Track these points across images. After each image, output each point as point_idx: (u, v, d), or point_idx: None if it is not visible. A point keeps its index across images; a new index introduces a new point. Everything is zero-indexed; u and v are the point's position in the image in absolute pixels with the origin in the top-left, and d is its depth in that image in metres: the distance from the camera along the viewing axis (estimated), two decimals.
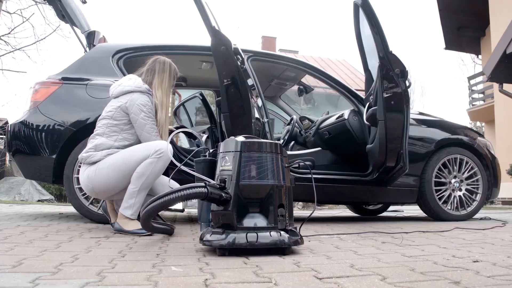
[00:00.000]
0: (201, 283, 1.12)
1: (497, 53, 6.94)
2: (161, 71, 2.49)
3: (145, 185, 2.23)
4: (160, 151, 2.22)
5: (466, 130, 3.68)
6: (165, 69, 2.51)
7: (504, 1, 10.38)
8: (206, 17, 2.66)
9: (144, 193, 2.24)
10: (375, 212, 4.60)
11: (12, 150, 3.02)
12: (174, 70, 2.56)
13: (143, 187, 2.22)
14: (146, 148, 2.26)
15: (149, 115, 2.36)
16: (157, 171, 2.24)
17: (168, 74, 2.51)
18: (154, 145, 2.25)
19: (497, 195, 3.69)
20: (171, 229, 2.21)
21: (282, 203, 1.67)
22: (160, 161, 2.22)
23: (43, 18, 16.44)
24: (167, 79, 2.50)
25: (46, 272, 1.23)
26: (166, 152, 2.21)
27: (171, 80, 2.52)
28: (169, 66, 2.53)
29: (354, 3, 3.15)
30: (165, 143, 2.23)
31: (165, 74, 2.50)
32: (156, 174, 2.25)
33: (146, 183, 2.22)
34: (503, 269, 1.31)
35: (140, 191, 2.22)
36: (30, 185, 10.91)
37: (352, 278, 1.18)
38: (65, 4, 3.28)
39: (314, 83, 5.40)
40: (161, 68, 2.50)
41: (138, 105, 2.33)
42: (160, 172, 2.26)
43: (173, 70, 2.55)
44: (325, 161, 3.52)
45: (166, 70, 2.51)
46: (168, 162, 2.26)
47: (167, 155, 2.21)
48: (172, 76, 2.54)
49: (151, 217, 1.69)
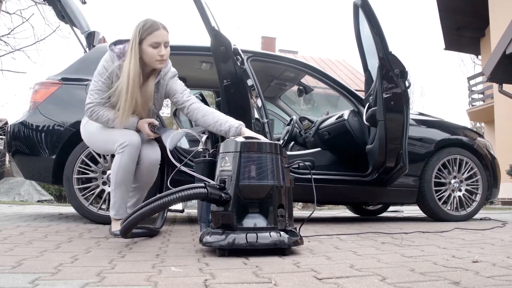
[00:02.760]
0: (201, 284, 1.11)
1: (496, 54, 6.95)
2: (133, 32, 2.11)
3: (118, 183, 2.11)
4: (123, 144, 2.06)
5: (466, 131, 3.68)
6: (135, 29, 2.10)
7: (504, 1, 10.39)
8: (206, 17, 2.66)
9: (119, 190, 2.13)
10: (375, 212, 4.60)
11: (11, 151, 3.02)
12: (143, 27, 2.08)
13: (116, 185, 2.12)
14: (111, 140, 2.11)
15: (98, 73, 2.14)
16: (124, 165, 2.07)
17: (134, 33, 2.09)
18: (118, 138, 2.08)
19: (496, 195, 3.69)
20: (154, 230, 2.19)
21: (282, 204, 1.67)
22: (124, 154, 2.06)
23: (43, 19, 16.44)
24: (133, 40, 2.09)
25: (45, 272, 1.23)
26: (130, 146, 2.04)
27: (136, 39, 2.07)
28: (137, 25, 2.09)
29: (354, 3, 3.15)
30: (133, 133, 2.07)
31: (133, 34, 2.10)
32: (125, 169, 2.08)
33: (118, 181, 2.11)
34: (502, 270, 1.31)
35: (116, 189, 2.13)
36: (30, 185, 10.91)
37: (352, 279, 1.18)
38: (65, 4, 3.28)
39: (313, 84, 5.41)
40: (134, 29, 2.12)
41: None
42: (128, 166, 2.09)
43: (140, 27, 2.08)
44: (325, 161, 3.52)
45: (134, 30, 2.10)
46: (136, 151, 2.09)
47: (130, 149, 2.05)
48: (138, 33, 2.07)
49: (148, 217, 1.67)
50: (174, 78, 2.30)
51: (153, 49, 2.10)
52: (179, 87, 2.28)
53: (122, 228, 1.70)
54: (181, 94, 2.26)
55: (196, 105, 2.21)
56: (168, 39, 2.15)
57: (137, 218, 1.61)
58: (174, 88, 2.28)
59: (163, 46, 2.12)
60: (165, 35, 2.13)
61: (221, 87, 2.82)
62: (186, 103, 2.23)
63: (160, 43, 2.10)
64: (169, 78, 2.28)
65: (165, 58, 2.15)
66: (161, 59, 2.13)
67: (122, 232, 1.72)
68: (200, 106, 2.21)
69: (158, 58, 2.12)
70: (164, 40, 2.12)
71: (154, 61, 2.13)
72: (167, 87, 2.29)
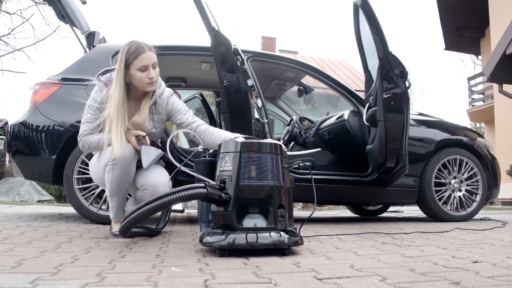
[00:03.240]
0: (201, 284, 1.11)
1: (496, 54, 6.95)
2: (118, 57, 2.06)
3: (112, 192, 2.09)
4: (113, 161, 2.00)
5: (466, 131, 3.68)
6: (120, 54, 2.05)
7: (504, 1, 10.40)
8: (206, 17, 2.66)
9: (115, 199, 2.11)
10: (375, 212, 4.60)
11: (12, 151, 3.03)
12: (128, 51, 2.03)
13: (111, 193, 2.10)
14: (106, 154, 2.06)
15: (88, 105, 2.12)
16: (115, 178, 2.04)
17: (119, 58, 2.04)
18: (111, 152, 2.02)
19: (497, 195, 3.69)
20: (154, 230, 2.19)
21: (282, 204, 1.67)
22: (115, 169, 2.01)
23: (43, 19, 16.42)
24: (118, 65, 2.04)
25: (45, 272, 1.23)
26: (119, 160, 2.00)
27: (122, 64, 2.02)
28: (122, 50, 2.04)
29: (354, 3, 3.15)
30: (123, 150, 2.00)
31: (118, 59, 2.05)
32: (117, 182, 2.05)
33: (112, 190, 2.09)
34: (503, 270, 1.31)
35: (111, 197, 2.12)
36: (30, 185, 10.91)
37: (352, 279, 1.18)
38: (65, 4, 3.28)
39: (314, 84, 5.41)
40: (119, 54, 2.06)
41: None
42: (119, 180, 2.05)
43: (125, 51, 2.03)
44: (325, 161, 3.52)
45: (119, 55, 2.05)
46: (127, 166, 2.04)
47: (121, 163, 2.01)
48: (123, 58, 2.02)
49: (147, 217, 1.67)
50: (172, 97, 2.25)
51: (142, 72, 2.05)
52: (179, 106, 2.24)
53: (121, 227, 1.70)
54: (184, 116, 2.22)
55: (203, 127, 2.18)
56: (155, 60, 2.09)
57: (136, 218, 1.61)
58: (176, 108, 2.23)
59: (151, 68, 2.07)
60: (152, 56, 2.07)
61: (221, 87, 2.82)
62: (192, 125, 2.19)
63: (148, 65, 2.05)
64: (167, 98, 2.24)
65: (155, 80, 2.10)
66: (151, 81, 2.08)
67: (121, 231, 1.72)
68: (207, 128, 2.17)
69: (148, 81, 2.07)
70: (151, 62, 2.06)
71: (145, 85, 2.09)
72: (168, 108, 2.23)
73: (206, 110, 4.65)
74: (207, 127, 2.18)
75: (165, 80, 4.20)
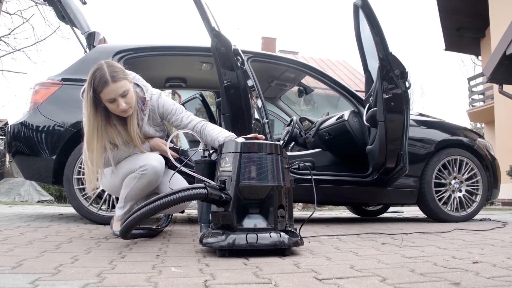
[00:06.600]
0: (201, 284, 1.11)
1: (497, 54, 6.94)
2: (86, 84, 1.97)
3: (129, 197, 2.11)
4: (144, 167, 2.04)
5: (466, 131, 3.68)
6: (87, 81, 1.96)
7: (504, 2, 10.40)
8: (206, 18, 2.67)
9: (130, 204, 2.13)
10: (375, 213, 4.60)
11: (12, 151, 3.03)
12: (93, 82, 1.93)
13: (128, 199, 2.12)
14: (133, 161, 2.09)
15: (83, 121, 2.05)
16: (141, 186, 2.08)
17: (87, 86, 1.95)
18: (141, 160, 2.07)
19: (497, 196, 3.69)
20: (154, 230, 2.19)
21: (282, 204, 1.67)
22: (143, 178, 2.05)
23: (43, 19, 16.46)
24: (86, 94, 1.95)
25: (46, 273, 1.23)
26: (151, 169, 2.04)
27: (90, 93, 1.93)
28: (88, 78, 1.95)
29: (354, 4, 3.16)
30: (155, 159, 2.05)
31: (86, 87, 1.96)
32: (141, 189, 2.10)
33: (130, 195, 2.11)
34: (503, 270, 1.31)
35: (127, 201, 2.13)
36: (30, 186, 10.91)
37: (352, 279, 1.18)
38: (65, 5, 3.28)
39: (314, 84, 5.41)
40: (86, 81, 1.98)
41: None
42: (145, 188, 2.10)
43: (91, 81, 1.93)
44: (325, 162, 3.52)
45: (87, 81, 1.96)
46: (154, 179, 2.08)
47: (151, 172, 2.05)
48: (90, 88, 1.93)
49: (147, 218, 1.67)
50: (160, 98, 2.18)
51: (111, 104, 1.97)
52: (170, 107, 2.18)
53: (122, 229, 1.70)
54: (178, 116, 2.18)
55: (197, 127, 2.15)
56: (124, 88, 1.96)
57: (136, 219, 1.61)
58: (167, 110, 2.18)
59: (120, 98, 1.96)
60: (117, 87, 1.94)
61: (222, 88, 2.82)
62: (189, 125, 2.16)
63: (115, 98, 1.95)
64: (156, 101, 2.18)
65: (126, 108, 1.99)
66: (123, 110, 1.99)
67: (122, 233, 1.72)
68: (200, 127, 2.14)
69: (119, 111, 1.99)
70: (117, 94, 1.94)
71: (119, 113, 2.02)
72: (159, 110, 2.19)
73: (206, 111, 4.65)
74: (200, 126, 2.15)
75: (165, 81, 4.21)
